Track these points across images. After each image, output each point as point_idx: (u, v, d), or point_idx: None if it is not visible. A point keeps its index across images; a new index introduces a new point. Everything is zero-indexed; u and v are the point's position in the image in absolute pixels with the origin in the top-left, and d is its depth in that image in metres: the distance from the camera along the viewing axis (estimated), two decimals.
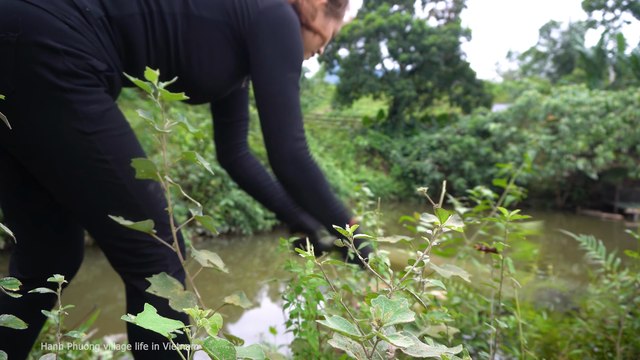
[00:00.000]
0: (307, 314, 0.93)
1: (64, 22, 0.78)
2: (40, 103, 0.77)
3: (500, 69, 57.97)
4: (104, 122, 0.83)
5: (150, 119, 0.66)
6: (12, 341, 0.95)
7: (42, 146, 0.81)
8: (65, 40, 0.78)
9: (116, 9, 0.86)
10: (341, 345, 0.43)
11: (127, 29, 0.88)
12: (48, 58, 0.77)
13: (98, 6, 0.84)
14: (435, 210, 0.58)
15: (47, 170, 0.84)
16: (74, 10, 0.80)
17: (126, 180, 0.86)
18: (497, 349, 0.98)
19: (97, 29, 0.83)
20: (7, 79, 0.76)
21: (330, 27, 1.19)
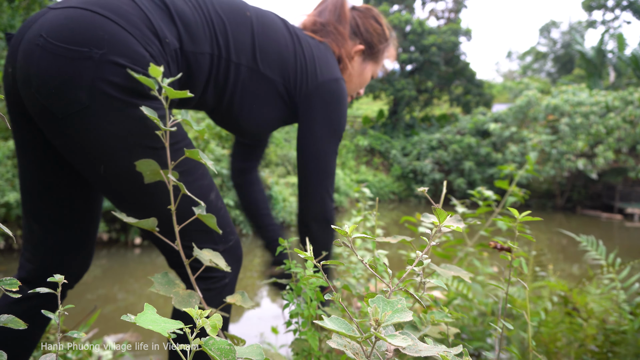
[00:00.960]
0: (307, 314, 0.94)
1: (145, 49, 0.81)
2: (113, 119, 0.79)
3: (500, 69, 57.97)
4: (172, 136, 0.85)
5: (154, 116, 0.66)
6: (16, 341, 0.95)
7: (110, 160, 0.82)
8: (143, 66, 0.80)
9: (192, 44, 0.90)
10: (340, 345, 0.43)
11: (195, 64, 0.92)
12: (126, 78, 0.79)
13: (176, 38, 0.88)
14: (434, 210, 0.58)
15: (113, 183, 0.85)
16: (155, 39, 0.84)
17: (190, 191, 0.88)
18: (502, 350, 0.98)
19: (170, 59, 0.87)
20: (82, 93, 0.77)
21: (369, 71, 1.26)
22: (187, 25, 0.89)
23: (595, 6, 30.19)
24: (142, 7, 0.83)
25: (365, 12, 1.25)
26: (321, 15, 1.20)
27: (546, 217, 13.82)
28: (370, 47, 1.22)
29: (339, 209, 13.11)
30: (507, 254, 0.83)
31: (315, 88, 1.07)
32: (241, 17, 0.98)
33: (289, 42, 1.06)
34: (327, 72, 1.09)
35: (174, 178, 0.66)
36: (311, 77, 1.07)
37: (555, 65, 38.05)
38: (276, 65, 1.02)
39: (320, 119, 1.08)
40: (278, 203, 8.95)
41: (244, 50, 0.98)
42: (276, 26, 1.05)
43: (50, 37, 0.75)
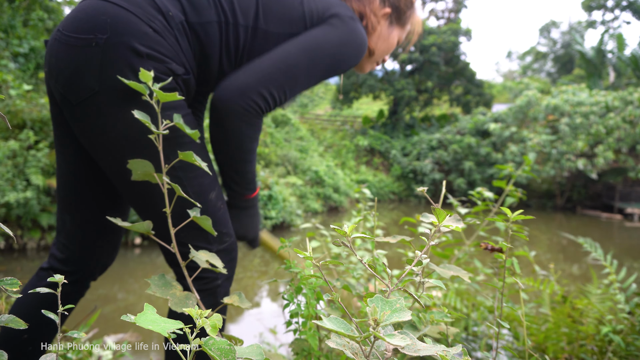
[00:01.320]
0: (306, 314, 0.94)
1: (149, 25, 0.81)
2: (121, 103, 0.80)
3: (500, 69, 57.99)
4: (177, 128, 0.84)
5: (146, 119, 0.66)
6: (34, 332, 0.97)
7: (117, 145, 0.83)
8: (148, 44, 0.80)
9: (196, 15, 0.87)
10: (339, 345, 0.44)
11: (205, 35, 0.89)
12: (132, 60, 0.79)
13: (179, 11, 0.86)
14: (433, 210, 0.58)
15: (118, 169, 0.85)
16: (158, 14, 0.83)
17: (190, 187, 0.88)
18: (498, 350, 0.98)
19: (177, 32, 0.85)
20: (91, 79, 0.79)
21: (395, 35, 1.19)
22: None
23: (595, 6, 30.20)
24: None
25: None
26: None
27: (546, 217, 13.82)
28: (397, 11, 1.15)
29: (339, 209, 13.11)
30: (500, 255, 0.83)
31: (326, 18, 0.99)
32: None
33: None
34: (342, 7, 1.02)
35: (167, 179, 0.67)
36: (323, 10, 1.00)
37: (555, 65, 38.06)
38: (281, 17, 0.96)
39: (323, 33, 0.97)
40: (278, 203, 8.95)
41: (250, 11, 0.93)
42: None
43: (65, 29, 0.80)
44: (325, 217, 11.80)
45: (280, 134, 15.72)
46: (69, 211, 0.99)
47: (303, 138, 17.44)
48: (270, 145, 13.33)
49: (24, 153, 6.07)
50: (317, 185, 12.95)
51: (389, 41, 1.19)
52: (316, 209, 11.84)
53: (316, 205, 11.89)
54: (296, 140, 16.68)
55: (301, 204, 11.24)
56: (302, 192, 11.88)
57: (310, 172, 13.12)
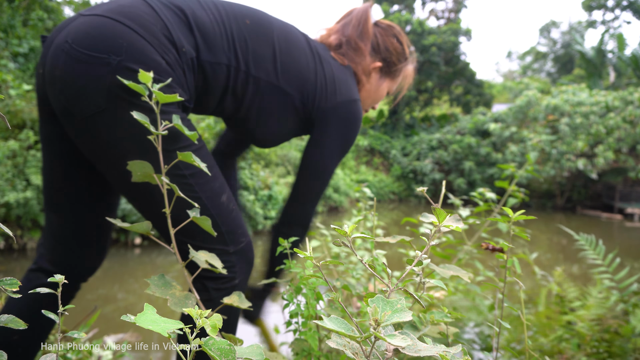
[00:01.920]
0: (306, 314, 0.94)
1: (162, 57, 0.85)
2: (128, 121, 0.82)
3: (500, 69, 57.98)
4: (184, 139, 0.89)
5: (145, 120, 0.66)
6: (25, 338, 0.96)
7: (122, 159, 0.84)
8: (159, 73, 0.84)
9: (208, 54, 0.93)
10: (339, 345, 0.44)
11: (212, 73, 0.95)
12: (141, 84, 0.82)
13: (193, 47, 0.91)
14: (433, 210, 0.58)
15: (128, 183, 0.87)
16: (172, 47, 0.87)
17: (202, 193, 0.91)
18: (499, 349, 0.98)
19: (186, 67, 0.90)
20: (99, 97, 0.81)
21: (385, 87, 1.28)
22: (206, 35, 0.92)
23: (595, 6, 30.19)
24: (162, 16, 0.87)
25: (387, 30, 1.26)
26: (344, 28, 1.21)
27: (546, 217, 13.82)
28: (388, 65, 1.24)
29: (339, 209, 13.11)
30: (501, 255, 0.83)
31: (333, 107, 1.10)
32: (264, 32, 1.01)
33: (310, 61, 1.08)
34: (346, 93, 1.12)
35: (167, 180, 0.67)
36: (330, 96, 1.10)
37: (555, 65, 38.05)
38: (295, 81, 1.05)
39: (333, 135, 1.11)
40: (278, 203, 8.95)
41: (265, 65, 1.00)
42: (299, 43, 1.08)
43: (75, 43, 0.80)
44: (325, 217, 11.80)
45: None
46: (56, 210, 0.99)
47: (303, 138, 17.42)
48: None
49: (24, 153, 6.07)
50: None
51: (378, 92, 1.27)
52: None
53: None
54: (296, 140, 16.68)
55: None
56: None
57: None
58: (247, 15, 1.00)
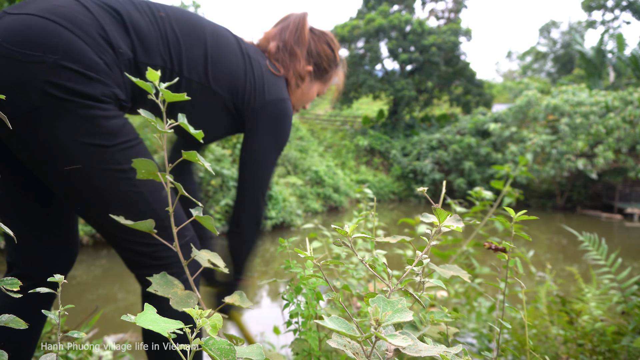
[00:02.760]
0: (306, 314, 0.94)
1: (99, 57, 0.85)
2: (64, 119, 0.82)
3: (500, 69, 57.96)
4: (123, 135, 0.90)
5: (151, 118, 0.66)
6: (12, 341, 0.95)
7: (62, 159, 0.85)
8: (98, 72, 0.85)
9: (145, 56, 0.94)
10: (340, 345, 0.44)
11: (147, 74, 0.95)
12: (80, 83, 0.83)
13: (129, 49, 0.92)
14: (434, 210, 0.58)
15: (66, 182, 0.88)
16: (109, 48, 0.88)
17: (143, 188, 0.92)
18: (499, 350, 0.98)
19: (124, 67, 0.91)
20: (34, 94, 0.80)
21: (315, 90, 1.35)
22: (142, 37, 0.94)
23: (595, 6, 30.18)
24: (98, 17, 0.87)
25: (320, 37, 1.32)
26: (282, 33, 1.27)
27: (546, 217, 13.82)
28: (319, 69, 1.31)
29: (339, 209, 13.11)
30: (503, 254, 0.83)
31: (262, 105, 1.15)
32: (196, 34, 1.03)
33: (240, 61, 1.11)
34: (275, 92, 1.17)
35: (171, 179, 0.67)
36: (259, 95, 1.14)
37: (555, 65, 38.05)
38: (226, 82, 1.08)
39: (265, 132, 1.16)
40: (278, 203, 8.95)
41: (196, 67, 1.03)
42: (230, 45, 1.11)
43: (6, 41, 0.79)
44: (325, 217, 11.79)
45: None
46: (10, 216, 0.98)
47: (303, 138, 17.43)
48: None
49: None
50: (317, 185, 12.95)
51: (309, 94, 1.35)
52: (316, 209, 11.83)
53: (316, 205, 11.89)
54: (296, 140, 16.67)
55: (301, 204, 11.24)
56: (302, 192, 11.88)
57: (310, 172, 13.12)
58: (180, 18, 1.03)
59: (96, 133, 0.85)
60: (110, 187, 0.89)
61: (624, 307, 1.40)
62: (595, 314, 1.49)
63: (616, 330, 1.35)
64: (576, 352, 1.41)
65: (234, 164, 9.50)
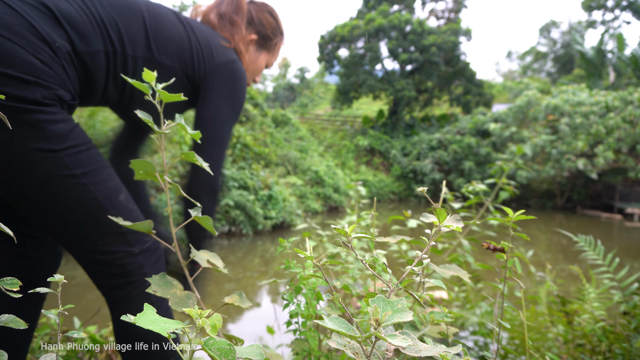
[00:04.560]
0: (306, 314, 0.94)
1: (35, 56, 0.81)
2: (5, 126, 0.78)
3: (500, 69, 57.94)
4: (71, 139, 0.86)
5: (148, 119, 0.66)
6: (5, 342, 0.95)
7: (9, 167, 0.82)
8: (36, 74, 0.81)
9: (83, 44, 0.90)
10: (340, 345, 0.43)
11: (92, 63, 0.93)
12: (17, 88, 0.79)
13: (66, 41, 0.87)
14: (433, 210, 0.58)
15: (16, 191, 0.85)
16: (44, 45, 0.83)
17: (97, 193, 0.89)
18: (499, 350, 0.98)
19: (65, 62, 0.87)
20: None
21: (263, 60, 1.33)
22: (75, 26, 0.89)
23: (595, 6, 30.18)
24: (25, 15, 0.82)
25: (260, 6, 1.32)
26: (220, 6, 1.26)
27: (546, 217, 13.82)
28: (263, 38, 1.30)
29: (339, 209, 13.11)
30: (501, 254, 0.83)
31: (212, 69, 1.12)
32: (132, 10, 1.00)
33: (182, 31, 1.09)
34: (223, 55, 1.15)
35: (169, 180, 0.66)
36: (208, 60, 1.12)
37: (555, 65, 38.04)
38: (173, 53, 1.05)
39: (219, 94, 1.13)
40: (278, 203, 8.95)
41: (139, 42, 0.99)
42: (168, 17, 1.08)
43: None
44: (325, 217, 11.79)
45: (280, 134, 15.71)
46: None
47: (303, 138, 17.43)
48: (270, 145, 13.32)
49: None
50: (317, 185, 12.95)
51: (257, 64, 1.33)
52: (316, 209, 11.83)
53: (316, 205, 11.89)
54: (296, 140, 16.67)
55: (301, 204, 11.24)
56: (302, 192, 11.88)
57: (310, 172, 13.12)
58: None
59: (42, 138, 0.82)
60: (62, 194, 0.86)
61: (625, 307, 1.40)
62: (595, 314, 1.49)
63: (616, 330, 1.35)
64: (576, 352, 1.41)
65: (234, 163, 9.50)
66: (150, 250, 0.97)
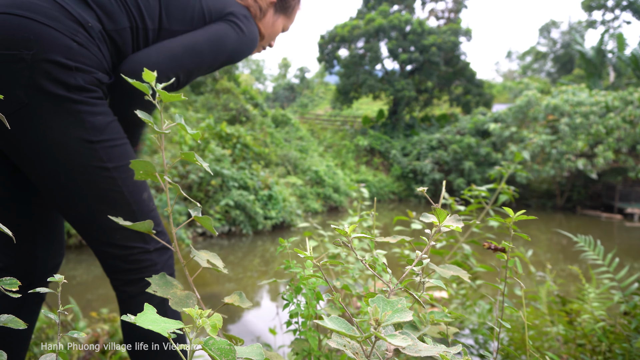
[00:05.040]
0: (306, 314, 0.94)
1: (72, 39, 0.83)
2: (51, 114, 0.81)
3: (500, 69, 57.95)
4: (108, 132, 0.89)
5: (149, 119, 0.66)
6: (3, 341, 0.96)
7: (49, 155, 0.84)
8: (75, 57, 0.83)
9: (111, 23, 0.92)
10: (340, 345, 0.43)
11: (121, 40, 0.94)
12: (61, 74, 0.81)
13: (96, 20, 0.89)
14: (433, 210, 0.58)
15: (50, 177, 0.87)
16: (78, 27, 0.85)
17: (124, 188, 0.91)
18: (499, 350, 0.98)
19: (99, 41, 0.89)
20: (20, 92, 0.80)
21: (280, 23, 1.31)
22: (102, 5, 0.91)
23: (595, 6, 30.18)
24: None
25: None
26: None
27: (546, 217, 13.82)
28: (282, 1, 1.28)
29: (339, 209, 13.11)
30: (502, 254, 0.83)
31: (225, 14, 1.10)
32: None
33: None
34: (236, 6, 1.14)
35: (169, 180, 0.66)
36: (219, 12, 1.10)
37: (555, 65, 38.05)
38: (186, 17, 1.05)
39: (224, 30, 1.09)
40: (278, 203, 8.95)
41: (155, 15, 1.00)
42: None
43: None
44: (325, 217, 11.80)
45: (280, 134, 15.71)
46: None
47: (303, 138, 17.43)
48: (270, 145, 13.33)
49: None
50: (317, 185, 12.95)
51: (274, 28, 1.31)
52: (316, 209, 11.84)
53: (316, 205, 11.89)
54: (296, 140, 16.68)
55: (301, 204, 11.24)
56: (302, 192, 11.88)
57: (310, 172, 13.12)
58: None
59: (81, 128, 0.85)
60: (91, 185, 0.88)
61: (626, 307, 1.40)
62: (596, 314, 1.49)
63: (616, 330, 1.35)
64: (576, 352, 1.41)
65: (234, 164, 9.50)
66: (164, 248, 0.99)
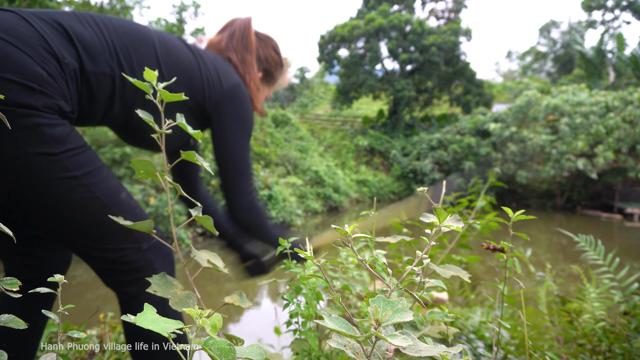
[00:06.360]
0: (306, 314, 0.94)
1: (42, 68, 0.83)
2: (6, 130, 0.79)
3: (500, 69, 57.92)
4: (69, 142, 0.87)
5: (149, 119, 0.66)
6: (14, 342, 0.96)
7: (9, 173, 0.82)
8: (40, 83, 0.82)
9: (92, 65, 0.93)
10: (340, 345, 0.43)
11: (95, 83, 0.95)
12: (21, 94, 0.80)
13: (75, 59, 0.90)
14: (433, 210, 0.58)
15: (17, 196, 0.85)
16: (52, 59, 0.86)
17: (99, 192, 0.90)
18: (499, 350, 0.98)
19: (69, 78, 0.89)
20: None
21: (263, 94, 1.39)
22: (87, 47, 0.92)
23: (595, 6, 30.19)
24: (39, 29, 0.86)
25: (266, 42, 1.36)
26: (230, 39, 1.29)
27: (546, 217, 13.82)
28: (267, 74, 1.36)
29: (339, 209, 13.11)
30: (501, 254, 0.83)
31: (222, 95, 1.17)
32: (143, 39, 1.03)
33: (192, 58, 1.12)
34: (230, 78, 1.19)
35: (169, 179, 0.66)
36: (217, 86, 1.16)
37: (555, 65, 38.06)
38: (182, 81, 1.08)
39: (231, 120, 1.19)
40: (278, 203, 8.95)
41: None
42: (178, 46, 1.11)
43: None
44: (325, 217, 11.79)
45: (280, 134, 15.71)
46: None
47: (303, 138, 17.43)
48: (270, 145, 13.32)
49: None
50: (317, 185, 12.95)
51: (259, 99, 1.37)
52: (316, 208, 11.83)
53: (316, 205, 11.89)
54: (296, 140, 16.67)
55: (301, 204, 11.24)
56: (302, 192, 11.88)
57: (310, 172, 13.12)
58: (125, 26, 1.02)
59: (40, 141, 0.83)
60: (63, 197, 0.86)
61: (626, 307, 1.40)
62: (596, 314, 1.49)
63: (616, 330, 1.35)
64: (576, 352, 1.41)
65: None
66: (157, 246, 0.98)
